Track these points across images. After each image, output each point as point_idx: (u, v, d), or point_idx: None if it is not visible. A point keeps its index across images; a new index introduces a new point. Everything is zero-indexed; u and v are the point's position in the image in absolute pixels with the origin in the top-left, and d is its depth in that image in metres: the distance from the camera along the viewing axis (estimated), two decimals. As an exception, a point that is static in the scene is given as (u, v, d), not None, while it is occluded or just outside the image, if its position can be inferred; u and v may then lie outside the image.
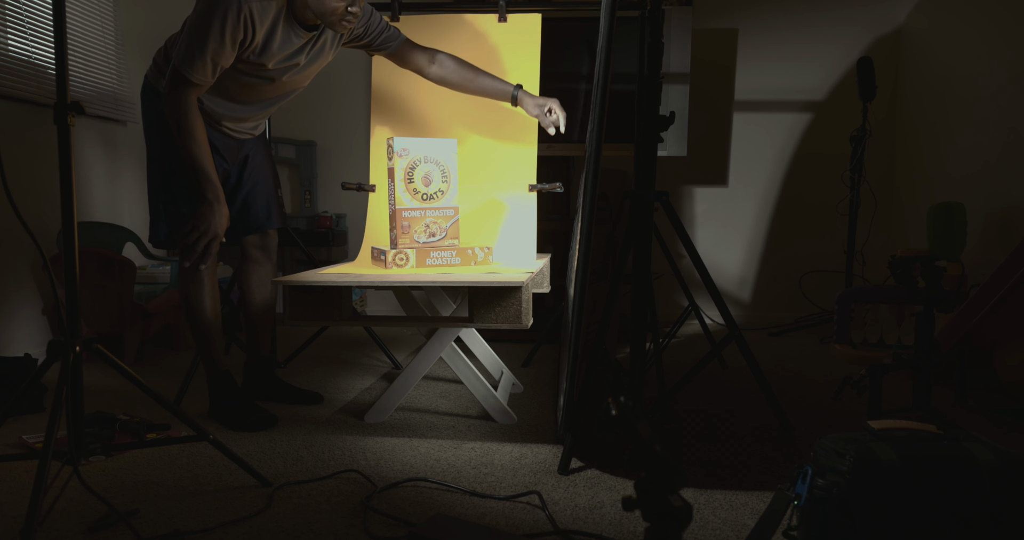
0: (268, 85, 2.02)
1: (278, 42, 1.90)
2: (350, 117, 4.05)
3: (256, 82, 1.99)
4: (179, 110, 1.85)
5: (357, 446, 1.95)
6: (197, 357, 2.37)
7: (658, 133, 2.03)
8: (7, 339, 2.74)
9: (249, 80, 1.97)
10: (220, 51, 1.80)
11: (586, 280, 1.79)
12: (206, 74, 1.83)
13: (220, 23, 1.77)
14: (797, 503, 1.23)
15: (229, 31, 1.78)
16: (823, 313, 3.86)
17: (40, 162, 2.89)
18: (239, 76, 1.95)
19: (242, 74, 1.95)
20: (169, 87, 1.85)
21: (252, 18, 1.80)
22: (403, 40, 2.23)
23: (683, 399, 2.42)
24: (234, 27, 1.78)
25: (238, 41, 1.82)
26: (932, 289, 2.00)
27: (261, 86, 2.01)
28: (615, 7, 1.77)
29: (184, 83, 1.84)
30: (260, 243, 2.28)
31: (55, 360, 1.47)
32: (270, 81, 2.00)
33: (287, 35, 1.91)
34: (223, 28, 1.77)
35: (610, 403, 0.84)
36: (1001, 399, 2.42)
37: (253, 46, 1.86)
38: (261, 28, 1.84)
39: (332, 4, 1.85)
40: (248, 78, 1.97)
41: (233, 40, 1.80)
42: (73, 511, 1.53)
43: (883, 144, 3.89)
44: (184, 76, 1.82)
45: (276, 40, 1.89)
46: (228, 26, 1.77)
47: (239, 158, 2.19)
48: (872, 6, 3.82)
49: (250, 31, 1.82)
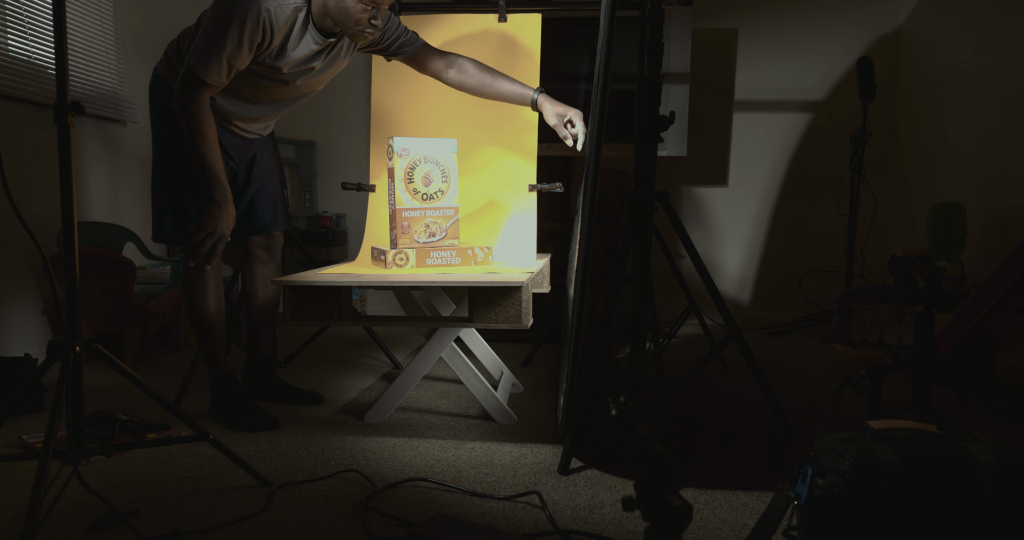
0: (282, 88, 2.01)
1: (295, 47, 1.90)
2: (350, 117, 4.05)
3: (270, 84, 1.98)
4: (191, 110, 1.84)
5: (357, 446, 1.95)
6: (197, 357, 2.37)
7: (658, 133, 2.03)
8: (7, 339, 2.74)
9: (263, 82, 1.97)
10: (237, 53, 1.80)
11: (586, 280, 1.79)
12: (221, 76, 1.83)
13: (239, 25, 1.76)
14: (797, 503, 1.23)
15: (248, 34, 1.77)
16: (823, 313, 3.86)
17: (40, 162, 2.89)
18: (254, 78, 1.95)
19: (257, 76, 1.95)
20: (182, 87, 1.85)
21: (271, 22, 1.79)
22: (420, 44, 2.19)
23: (683, 399, 2.42)
24: (252, 30, 1.77)
25: (255, 44, 1.81)
26: (932, 289, 2.00)
27: (275, 88, 2.01)
28: (615, 7, 1.77)
29: (198, 84, 1.83)
30: (265, 243, 2.28)
31: (55, 360, 1.47)
32: (284, 84, 2.00)
33: (305, 41, 1.91)
34: (241, 31, 1.77)
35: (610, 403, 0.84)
36: (1001, 399, 2.42)
37: (270, 49, 1.86)
38: (279, 33, 1.83)
39: (355, 16, 1.84)
40: (263, 80, 1.96)
41: (251, 43, 1.80)
42: (73, 511, 1.53)
43: (883, 144, 3.89)
44: (198, 77, 1.82)
45: (293, 45, 1.89)
46: (247, 29, 1.77)
47: (247, 158, 2.18)
48: (872, 6, 3.82)
49: (268, 35, 1.81)
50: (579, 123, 2.09)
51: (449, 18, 2.51)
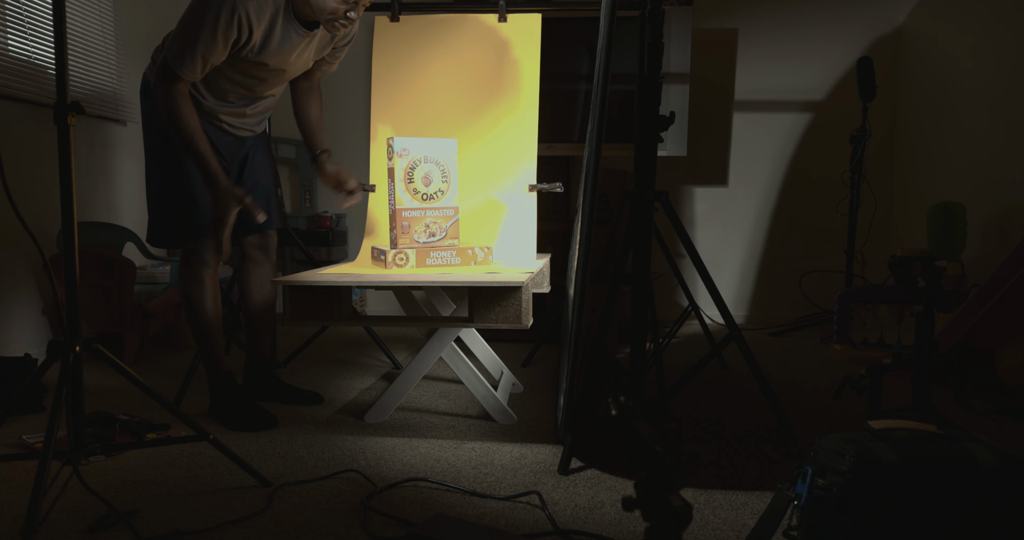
0: (261, 84, 2.03)
1: (277, 40, 1.90)
2: (350, 117, 4.05)
3: (248, 81, 2.00)
4: (169, 101, 1.87)
5: (357, 446, 1.95)
6: (197, 357, 2.37)
7: (658, 133, 2.03)
8: (7, 339, 2.74)
9: (242, 78, 1.98)
10: (211, 49, 1.81)
11: (586, 280, 1.79)
12: (195, 71, 1.85)
13: (213, 22, 1.77)
14: (797, 503, 1.23)
15: (222, 30, 1.79)
16: (823, 313, 3.86)
17: (40, 162, 2.89)
18: (234, 74, 1.96)
19: (239, 73, 1.96)
20: (157, 81, 1.87)
21: (248, 17, 1.80)
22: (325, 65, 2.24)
23: (683, 399, 2.42)
24: (227, 26, 1.78)
25: (231, 40, 1.82)
26: (932, 289, 2.00)
27: (254, 85, 2.02)
28: (615, 7, 1.77)
29: (172, 78, 1.86)
30: (260, 243, 2.28)
31: (55, 360, 1.47)
32: (261, 80, 2.01)
33: (287, 33, 1.91)
34: (215, 27, 1.78)
35: (610, 403, 0.84)
36: (1001, 399, 2.42)
37: (251, 45, 1.86)
38: (258, 27, 1.84)
39: (333, 5, 1.85)
40: (242, 77, 1.97)
41: (225, 39, 1.81)
42: (73, 511, 1.53)
43: (883, 144, 3.89)
44: (173, 72, 1.84)
45: (275, 38, 1.89)
46: (221, 25, 1.78)
47: (239, 157, 2.18)
48: (872, 6, 3.82)
49: (245, 31, 1.82)
50: (352, 182, 2.21)
51: (449, 18, 2.51)
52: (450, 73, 2.48)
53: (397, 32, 2.50)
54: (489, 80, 2.46)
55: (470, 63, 2.48)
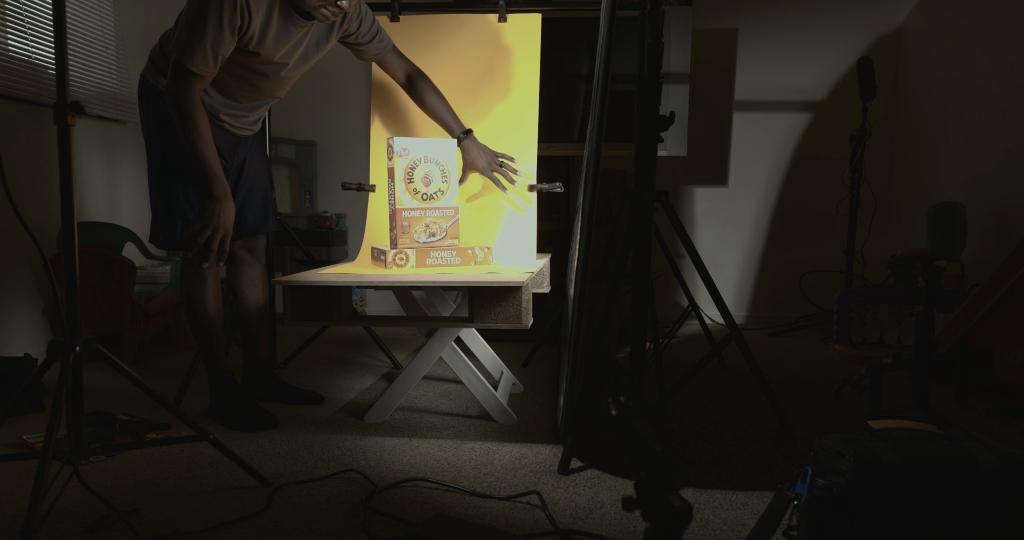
0: (263, 80, 2.02)
1: (274, 31, 1.89)
2: (350, 117, 4.05)
3: (252, 77, 1.99)
4: (183, 104, 1.84)
5: (357, 446, 1.95)
6: (197, 357, 2.37)
7: (658, 133, 2.03)
8: (7, 339, 2.74)
9: (246, 75, 1.97)
10: (220, 39, 1.80)
11: (586, 280, 1.79)
12: (207, 64, 1.83)
13: (217, 11, 1.76)
14: (797, 503, 1.23)
15: (227, 18, 1.78)
16: (823, 313, 3.86)
17: (40, 162, 2.89)
18: (236, 69, 1.95)
19: (240, 67, 1.95)
20: (171, 81, 1.84)
21: (248, 5, 1.80)
22: (391, 49, 2.27)
23: (683, 399, 2.42)
24: (231, 14, 1.78)
25: (236, 28, 1.81)
26: (932, 289, 2.00)
27: (257, 81, 2.01)
28: (615, 7, 1.77)
29: (186, 75, 1.83)
30: (247, 244, 2.27)
31: (55, 360, 1.47)
32: (264, 76, 2.00)
33: (283, 24, 1.91)
34: (220, 16, 1.77)
35: (610, 403, 0.84)
36: (1001, 399, 2.42)
37: (250, 34, 1.85)
38: (257, 15, 1.83)
39: None
40: (245, 72, 1.97)
41: (232, 28, 1.80)
42: (73, 511, 1.53)
43: (883, 144, 3.89)
44: (185, 68, 1.81)
45: (272, 29, 1.89)
46: (225, 13, 1.77)
47: (237, 158, 2.18)
48: (872, 6, 3.82)
49: (246, 18, 1.81)
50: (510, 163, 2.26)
51: (449, 18, 2.51)
52: (450, 73, 2.48)
53: (397, 32, 2.50)
54: (489, 80, 2.46)
55: (470, 63, 2.48)
